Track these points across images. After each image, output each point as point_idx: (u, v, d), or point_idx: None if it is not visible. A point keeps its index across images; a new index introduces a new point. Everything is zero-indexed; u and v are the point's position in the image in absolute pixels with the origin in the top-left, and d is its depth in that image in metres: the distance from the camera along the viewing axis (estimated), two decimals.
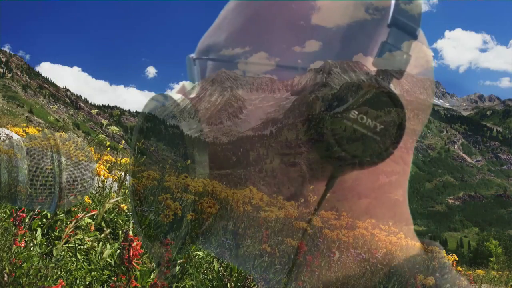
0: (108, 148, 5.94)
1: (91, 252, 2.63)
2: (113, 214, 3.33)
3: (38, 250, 2.30)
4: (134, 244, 1.00)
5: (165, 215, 0.56)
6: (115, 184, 4.22)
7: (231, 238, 0.57)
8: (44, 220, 2.67)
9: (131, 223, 3.23)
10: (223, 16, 0.60)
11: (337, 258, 0.54)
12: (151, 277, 2.21)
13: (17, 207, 1.51)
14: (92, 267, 2.40)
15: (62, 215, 2.79)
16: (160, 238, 0.59)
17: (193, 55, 0.59)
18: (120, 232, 3.18)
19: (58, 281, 1.31)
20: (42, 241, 2.48)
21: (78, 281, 2.22)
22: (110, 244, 2.67)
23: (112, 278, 2.34)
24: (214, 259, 2.90)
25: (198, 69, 0.57)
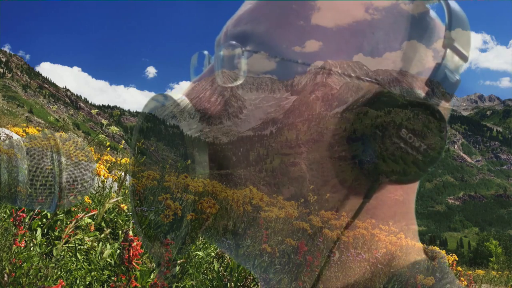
0: (108, 148, 5.95)
1: (91, 252, 2.63)
2: (113, 214, 3.33)
3: (38, 250, 2.31)
4: (134, 244, 1.00)
5: (165, 215, 0.56)
6: (115, 184, 4.22)
7: (231, 238, 0.57)
8: (44, 220, 2.67)
9: (131, 223, 3.23)
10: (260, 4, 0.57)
11: (337, 258, 0.54)
12: (151, 277, 2.21)
13: (17, 207, 1.51)
14: (92, 267, 2.40)
15: (62, 215, 2.80)
16: (160, 238, 0.59)
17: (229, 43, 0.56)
18: (120, 232, 3.19)
19: (58, 281, 1.31)
20: (42, 241, 2.48)
21: (78, 281, 2.23)
22: (110, 244, 2.68)
23: (112, 278, 2.34)
24: (214, 259, 2.90)
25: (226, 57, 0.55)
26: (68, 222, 2.55)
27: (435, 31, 0.57)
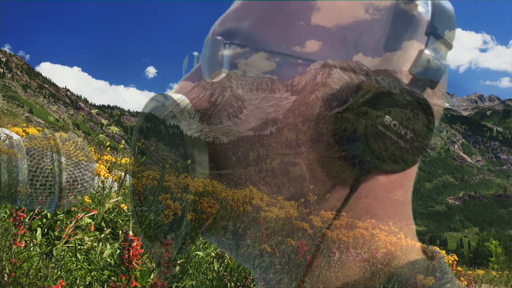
0: (108, 148, 5.95)
1: (91, 252, 2.63)
2: (113, 214, 3.33)
3: (38, 250, 2.31)
4: (134, 244, 1.00)
5: (165, 215, 0.56)
6: (115, 184, 4.23)
7: (231, 238, 0.57)
8: (44, 220, 2.67)
9: (131, 223, 3.23)
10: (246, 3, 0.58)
11: (337, 258, 0.54)
12: (151, 277, 2.21)
13: (17, 207, 1.51)
14: (92, 267, 2.40)
15: (62, 215, 2.80)
16: (160, 238, 0.59)
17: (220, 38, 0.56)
18: (120, 232, 3.19)
19: (58, 281, 1.31)
20: (42, 241, 2.48)
21: (78, 281, 2.23)
22: (110, 244, 2.68)
23: (112, 278, 2.34)
24: (214, 259, 2.90)
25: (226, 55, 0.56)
26: (68, 222, 2.55)
27: None
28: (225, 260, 2.95)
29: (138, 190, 0.62)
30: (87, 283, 2.28)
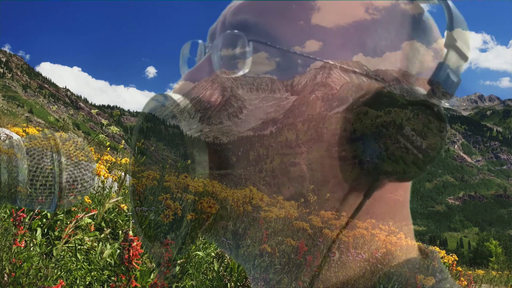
0: (108, 148, 5.95)
1: (91, 252, 2.63)
2: (113, 214, 3.33)
3: (38, 250, 2.31)
4: (134, 244, 1.00)
5: (165, 215, 0.56)
6: (115, 184, 4.23)
7: (231, 238, 0.57)
8: (44, 220, 2.67)
9: (131, 223, 3.23)
10: None
11: (337, 258, 0.54)
12: (151, 277, 2.21)
13: (17, 207, 1.51)
14: (92, 267, 2.40)
15: (62, 215, 2.80)
16: (160, 238, 0.59)
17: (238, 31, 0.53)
18: (120, 232, 3.19)
19: (58, 281, 1.31)
20: (42, 241, 2.48)
21: (78, 281, 2.23)
22: (110, 244, 2.68)
23: (112, 278, 2.34)
24: (214, 259, 2.90)
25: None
26: (68, 222, 2.55)
27: (433, 31, 0.57)
28: (225, 260, 2.95)
29: (138, 190, 0.62)
30: (87, 283, 2.28)
